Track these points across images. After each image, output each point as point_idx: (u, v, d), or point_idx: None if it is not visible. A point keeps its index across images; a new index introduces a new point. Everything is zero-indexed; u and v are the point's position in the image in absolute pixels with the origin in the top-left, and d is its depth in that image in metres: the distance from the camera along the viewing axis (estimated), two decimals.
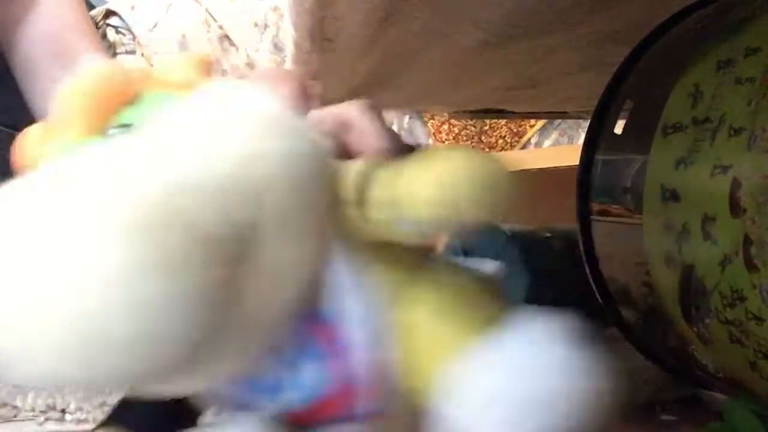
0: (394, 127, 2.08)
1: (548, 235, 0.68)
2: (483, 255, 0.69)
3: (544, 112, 0.97)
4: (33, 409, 0.44)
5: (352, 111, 0.26)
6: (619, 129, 0.44)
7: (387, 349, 0.23)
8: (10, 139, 0.86)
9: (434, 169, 0.22)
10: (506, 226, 0.69)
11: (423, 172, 0.22)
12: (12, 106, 0.72)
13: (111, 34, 1.00)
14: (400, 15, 0.46)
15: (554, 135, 2.10)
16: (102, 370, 0.17)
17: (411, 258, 0.25)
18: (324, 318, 0.23)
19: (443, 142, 2.17)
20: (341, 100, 0.29)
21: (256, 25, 1.88)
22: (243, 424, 0.24)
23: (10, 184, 0.19)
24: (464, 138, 2.18)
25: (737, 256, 0.31)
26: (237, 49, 1.88)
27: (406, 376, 0.23)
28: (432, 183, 0.21)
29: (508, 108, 0.90)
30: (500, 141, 2.20)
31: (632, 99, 0.43)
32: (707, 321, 0.35)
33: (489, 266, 0.26)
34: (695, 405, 0.46)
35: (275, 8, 1.86)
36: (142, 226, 0.17)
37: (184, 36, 1.87)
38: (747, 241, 0.31)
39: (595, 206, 0.44)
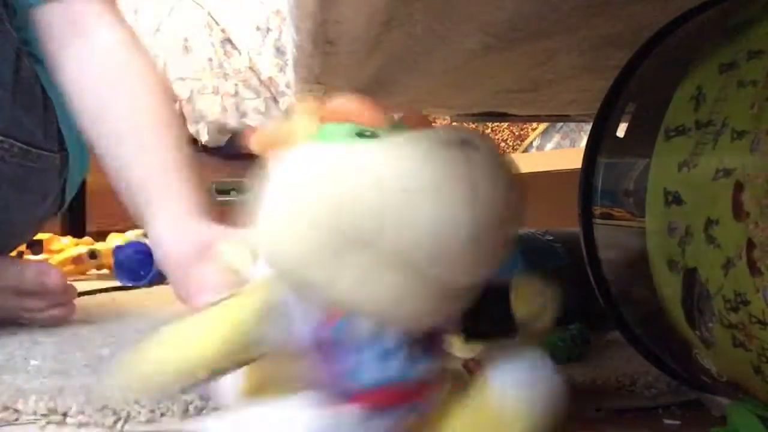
0: None
1: (550, 238, 0.68)
2: None
3: (546, 116, 0.97)
4: (34, 413, 0.44)
5: None
6: (621, 132, 0.44)
7: None
8: (24, 154, 0.88)
9: None
10: None
11: None
12: (28, 124, 0.74)
13: None
14: (402, 18, 0.46)
15: (556, 138, 2.10)
16: None
17: None
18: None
19: None
20: None
21: (258, 28, 1.88)
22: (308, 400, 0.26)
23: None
24: None
25: (740, 259, 0.31)
26: (239, 53, 1.88)
27: None
28: None
29: (510, 111, 0.90)
30: (502, 144, 2.20)
31: (634, 102, 0.43)
32: (710, 325, 0.34)
33: None
34: (698, 409, 0.46)
35: (277, 12, 1.86)
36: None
37: (186, 39, 1.88)
38: (750, 245, 0.31)
39: (598, 209, 0.44)
